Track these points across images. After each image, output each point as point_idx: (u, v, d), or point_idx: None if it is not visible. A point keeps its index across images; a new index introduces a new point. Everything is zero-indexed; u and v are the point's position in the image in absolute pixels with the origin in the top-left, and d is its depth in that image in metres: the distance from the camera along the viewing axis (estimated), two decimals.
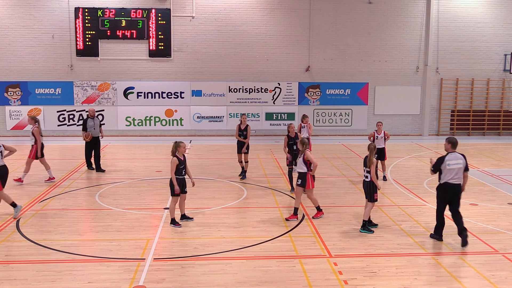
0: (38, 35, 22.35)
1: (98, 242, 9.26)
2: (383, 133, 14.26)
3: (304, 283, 7.57)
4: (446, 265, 8.29)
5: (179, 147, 9.99)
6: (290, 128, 13.06)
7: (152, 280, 7.63)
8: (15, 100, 22.50)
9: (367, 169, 9.78)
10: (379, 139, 14.25)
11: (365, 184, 9.90)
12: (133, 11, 22.41)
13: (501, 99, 24.65)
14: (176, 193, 10.00)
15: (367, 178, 9.78)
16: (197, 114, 23.33)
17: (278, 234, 9.72)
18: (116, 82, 22.87)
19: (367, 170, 9.78)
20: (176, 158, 9.92)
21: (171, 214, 10.16)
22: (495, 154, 19.11)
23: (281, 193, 12.85)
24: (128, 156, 18.56)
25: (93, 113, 15.54)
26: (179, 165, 9.93)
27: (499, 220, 10.80)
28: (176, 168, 9.91)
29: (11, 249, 8.87)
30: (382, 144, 14.17)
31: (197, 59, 23.12)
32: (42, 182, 13.87)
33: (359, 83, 23.80)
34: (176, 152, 9.96)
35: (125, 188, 13.33)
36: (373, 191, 9.76)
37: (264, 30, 23.16)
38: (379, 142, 14.21)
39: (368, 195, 9.85)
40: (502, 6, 23.88)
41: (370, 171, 9.70)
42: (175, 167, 9.89)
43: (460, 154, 9.34)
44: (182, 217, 10.41)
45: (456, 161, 9.23)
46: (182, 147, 10.03)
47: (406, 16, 23.67)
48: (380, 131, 14.25)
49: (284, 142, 13.08)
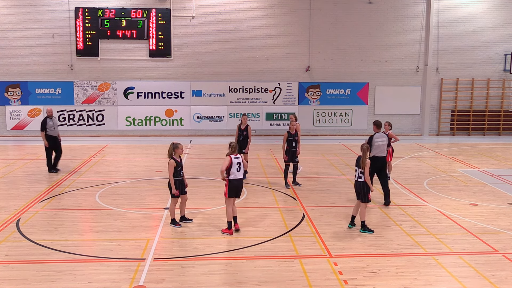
0: (38, 35, 22.35)
1: (98, 242, 9.26)
2: (389, 133, 13.92)
3: (304, 283, 7.57)
4: (446, 265, 8.29)
5: (177, 148, 9.88)
6: (291, 125, 13.24)
7: (152, 280, 7.63)
8: (15, 100, 22.51)
9: (360, 169, 9.73)
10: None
11: (358, 185, 9.81)
12: (133, 11, 22.41)
13: (501, 99, 24.64)
14: (176, 195, 9.96)
15: (360, 178, 9.74)
16: (197, 114, 23.33)
17: (278, 234, 9.72)
18: (116, 82, 22.87)
19: (360, 171, 9.73)
20: (173, 160, 9.82)
21: (171, 214, 10.15)
22: (495, 154, 19.11)
23: (281, 193, 12.85)
24: (128, 156, 18.56)
25: (51, 113, 15.31)
26: (176, 167, 9.85)
27: (499, 220, 10.80)
28: (174, 170, 9.84)
29: (11, 249, 8.87)
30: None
31: (197, 59, 23.12)
32: (42, 182, 13.84)
33: (359, 83, 23.80)
34: (174, 153, 9.86)
35: (125, 188, 13.33)
36: (367, 191, 9.73)
37: (264, 30, 23.16)
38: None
39: (362, 196, 9.77)
40: (502, 6, 23.88)
41: (364, 172, 9.66)
42: (173, 169, 9.80)
43: (384, 134, 11.92)
44: (182, 218, 10.36)
45: (381, 139, 11.62)
46: (179, 149, 9.92)
47: (406, 16, 23.67)
48: (386, 130, 13.98)
49: (284, 138, 13.23)
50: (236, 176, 9.62)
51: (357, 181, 9.83)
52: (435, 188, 13.49)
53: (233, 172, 9.60)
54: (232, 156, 9.65)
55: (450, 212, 11.30)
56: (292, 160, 13.33)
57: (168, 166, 9.85)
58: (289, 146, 13.18)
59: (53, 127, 15.06)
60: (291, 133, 13.14)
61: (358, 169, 9.77)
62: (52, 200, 12.07)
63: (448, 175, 15.22)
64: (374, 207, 11.65)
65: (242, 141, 14.12)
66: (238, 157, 9.71)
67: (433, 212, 11.33)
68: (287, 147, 13.20)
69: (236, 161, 9.61)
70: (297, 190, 13.08)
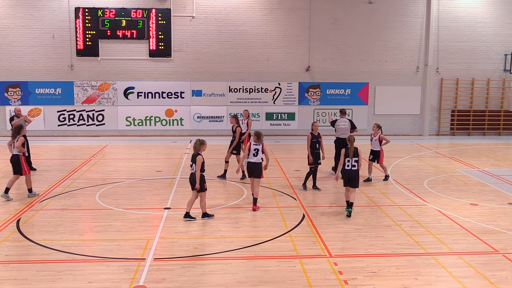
0: (39, 35, 22.36)
1: (98, 242, 9.26)
2: (379, 136, 14.16)
3: (304, 283, 7.57)
4: (446, 265, 8.29)
5: (203, 144, 10.38)
6: (314, 126, 13.07)
7: (152, 280, 7.63)
8: (15, 100, 22.51)
9: (354, 158, 10.77)
10: (373, 142, 14.23)
11: (353, 173, 10.82)
12: (133, 11, 22.41)
13: (501, 99, 24.64)
14: (205, 188, 10.36)
15: (354, 167, 10.80)
16: (197, 114, 23.33)
17: (278, 234, 9.72)
18: (116, 82, 22.87)
19: (354, 160, 10.78)
20: (201, 156, 10.26)
21: (203, 209, 10.54)
22: (496, 154, 19.11)
23: (281, 193, 12.85)
24: (128, 156, 18.56)
25: (19, 112, 15.27)
26: (203, 162, 10.26)
27: (499, 220, 10.80)
28: (202, 165, 10.21)
29: (11, 249, 8.87)
30: (377, 147, 14.14)
31: (197, 59, 23.13)
32: (42, 182, 13.84)
33: (359, 83, 23.80)
34: (200, 149, 10.31)
35: (125, 188, 13.33)
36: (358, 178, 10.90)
37: (264, 30, 23.16)
38: (374, 144, 14.21)
39: (356, 182, 10.82)
40: (502, 6, 23.88)
41: (358, 160, 10.80)
42: (201, 164, 10.18)
43: (347, 119, 14.76)
44: (186, 215, 10.48)
45: (343, 123, 14.60)
46: (205, 145, 10.45)
47: (406, 16, 23.67)
48: (376, 133, 14.21)
49: (308, 141, 12.96)
50: (250, 159, 11.29)
51: (351, 170, 10.81)
52: (435, 188, 13.50)
53: (250, 157, 11.26)
54: (252, 143, 11.31)
55: (450, 212, 11.30)
56: (316, 162, 13.00)
57: (197, 161, 10.16)
58: (313, 148, 12.84)
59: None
60: (315, 134, 12.90)
61: (353, 158, 10.77)
62: (52, 200, 12.07)
63: (448, 175, 15.23)
64: (374, 207, 11.66)
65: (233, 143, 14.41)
66: (258, 144, 11.29)
67: (433, 212, 11.33)
68: (311, 149, 12.84)
69: (253, 148, 11.26)
70: (297, 190, 13.09)
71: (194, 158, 10.25)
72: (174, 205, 11.65)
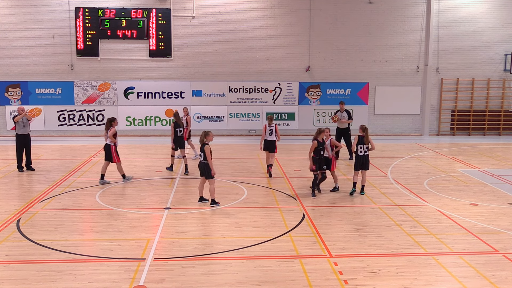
0: (39, 35, 22.35)
1: (98, 242, 9.26)
2: (330, 141, 12.75)
3: (304, 283, 7.57)
4: (446, 265, 8.29)
5: (208, 135, 11.33)
6: (324, 133, 12.41)
7: (152, 280, 7.63)
8: (15, 100, 22.51)
9: (366, 145, 12.36)
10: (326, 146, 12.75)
11: (366, 158, 12.45)
12: (133, 11, 22.41)
13: (501, 99, 24.64)
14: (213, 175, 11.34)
15: (366, 152, 12.43)
16: (197, 114, 23.33)
17: (278, 234, 9.72)
18: (117, 82, 22.87)
19: (366, 146, 12.38)
20: (208, 145, 11.24)
21: (212, 195, 11.47)
22: (496, 154, 19.11)
23: (281, 193, 12.86)
24: (128, 156, 18.54)
25: (21, 110, 15.32)
26: (210, 151, 11.25)
27: (499, 220, 10.80)
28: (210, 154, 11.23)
29: (11, 249, 8.87)
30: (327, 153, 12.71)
31: (197, 59, 23.13)
32: (42, 182, 13.86)
33: (360, 83, 23.79)
34: (205, 140, 11.25)
35: (125, 188, 13.34)
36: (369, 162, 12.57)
37: (264, 30, 23.15)
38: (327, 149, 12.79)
39: (368, 165, 12.53)
40: (502, 6, 23.87)
41: (369, 146, 12.43)
42: (210, 153, 11.19)
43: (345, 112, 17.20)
44: (200, 199, 11.67)
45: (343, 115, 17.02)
46: (210, 136, 11.39)
47: (406, 16, 23.66)
48: (326, 138, 12.72)
49: (312, 147, 12.28)
50: (266, 138, 14.54)
51: (364, 155, 12.41)
52: (435, 188, 13.50)
53: (266, 136, 14.52)
54: (267, 125, 14.55)
55: (450, 212, 11.30)
56: (321, 168, 12.57)
57: (205, 151, 11.14)
58: (316, 154, 12.32)
59: (23, 125, 15.09)
60: (320, 141, 12.33)
61: (364, 145, 12.36)
62: (52, 200, 12.07)
63: (448, 175, 15.23)
64: (374, 207, 11.66)
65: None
66: (272, 125, 14.57)
67: (433, 212, 11.33)
68: (314, 155, 12.33)
69: (268, 129, 14.54)
70: (297, 190, 13.09)
71: (202, 148, 11.22)
72: (174, 205, 11.66)
